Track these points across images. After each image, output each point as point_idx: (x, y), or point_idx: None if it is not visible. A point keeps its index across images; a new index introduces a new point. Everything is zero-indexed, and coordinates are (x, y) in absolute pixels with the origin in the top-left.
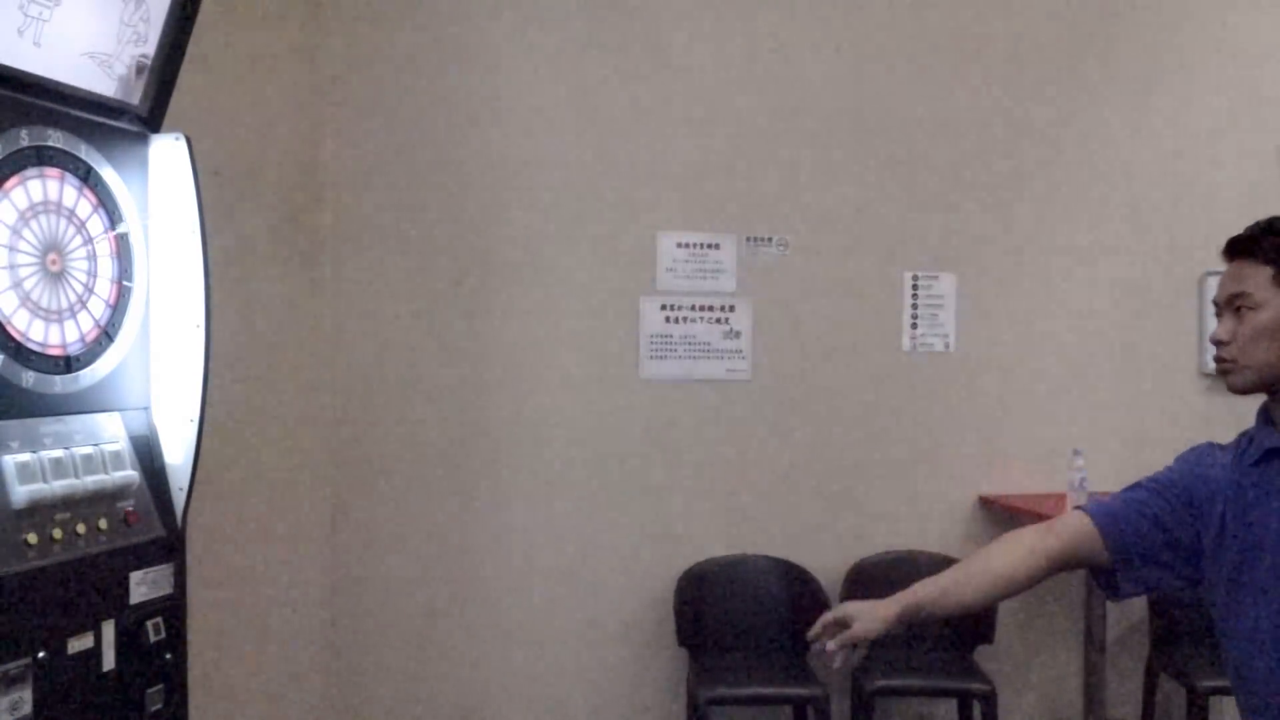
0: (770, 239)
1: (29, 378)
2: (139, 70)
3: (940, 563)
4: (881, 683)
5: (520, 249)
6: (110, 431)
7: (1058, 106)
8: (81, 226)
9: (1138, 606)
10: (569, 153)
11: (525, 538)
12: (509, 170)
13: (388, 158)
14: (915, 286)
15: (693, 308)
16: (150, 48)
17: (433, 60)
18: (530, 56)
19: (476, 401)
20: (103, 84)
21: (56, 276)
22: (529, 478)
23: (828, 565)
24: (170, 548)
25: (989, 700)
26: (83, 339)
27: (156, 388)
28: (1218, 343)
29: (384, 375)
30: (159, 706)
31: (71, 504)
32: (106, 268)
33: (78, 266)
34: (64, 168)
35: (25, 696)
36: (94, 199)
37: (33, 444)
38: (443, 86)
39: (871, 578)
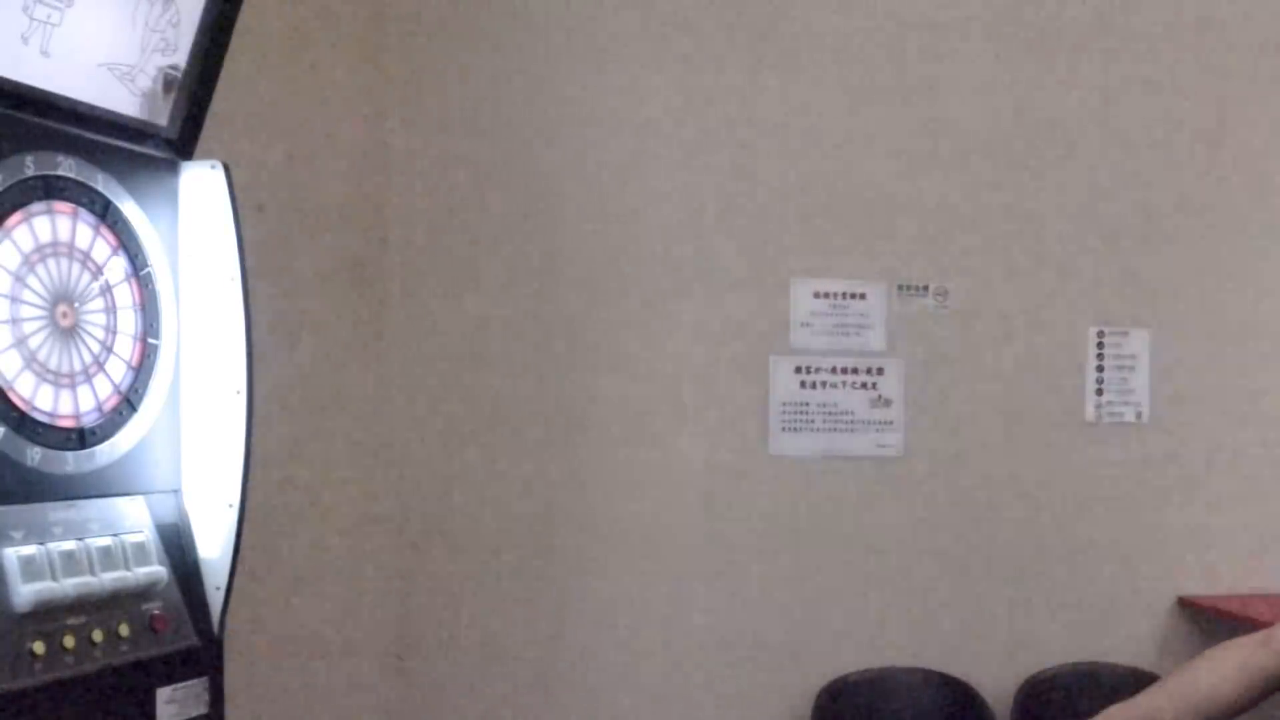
0: (926, 287)
1: (35, 454)
2: (167, 85)
3: (1130, 677)
4: None
5: (625, 300)
6: (133, 519)
7: (1273, 125)
8: (98, 272)
9: None
10: (683, 184)
11: (631, 645)
12: (611, 206)
13: (466, 192)
14: (1101, 344)
15: (833, 370)
16: (181, 57)
17: (519, 76)
18: (635, 69)
19: (573, 481)
20: (124, 101)
21: (68, 333)
22: (635, 572)
23: (995, 680)
24: (205, 659)
25: None
26: (99, 408)
27: (188, 466)
28: None
29: (462, 451)
30: None
31: (86, 606)
32: (128, 322)
33: (93, 321)
34: (77, 202)
35: None
36: (113, 239)
37: (39, 534)
38: (531, 107)
39: (1048, 695)
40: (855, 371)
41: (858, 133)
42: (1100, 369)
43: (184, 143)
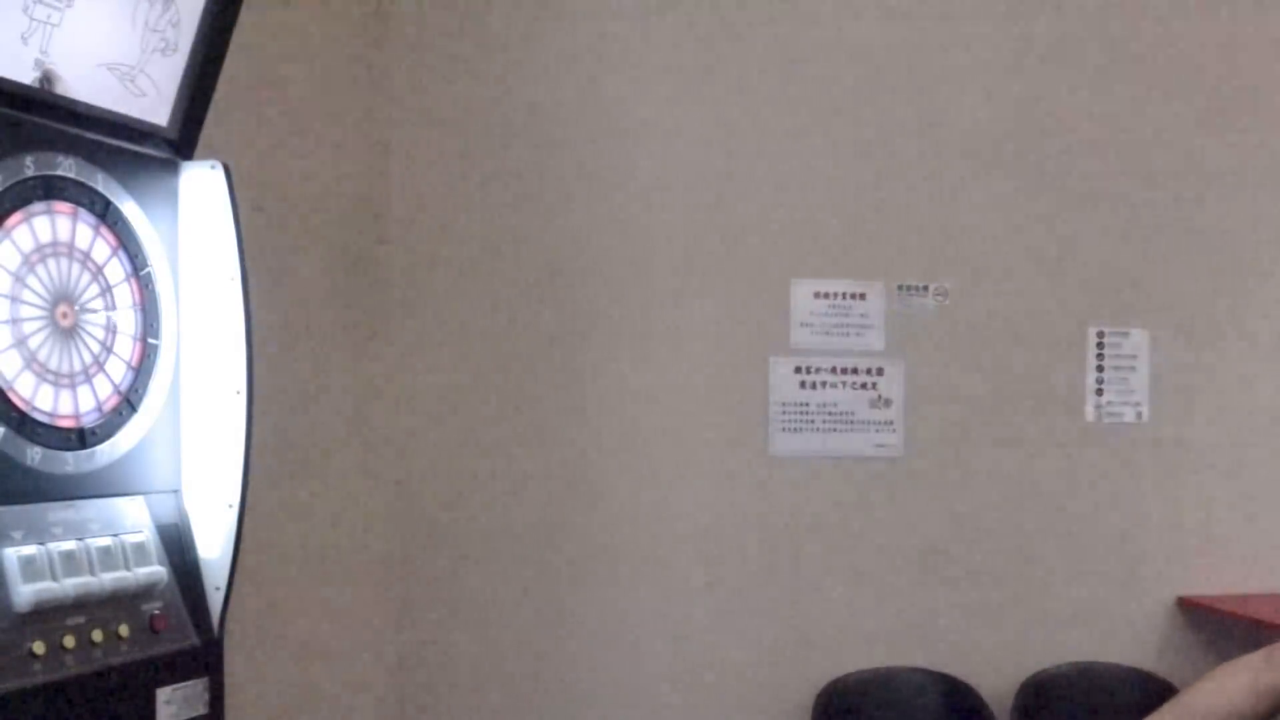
0: (926, 287)
1: (35, 454)
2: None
3: (1131, 676)
4: None
5: (626, 299)
6: (133, 519)
7: (1272, 124)
8: (98, 272)
9: None
10: (683, 182)
11: (632, 644)
12: (612, 205)
13: (467, 190)
14: (1101, 344)
15: (833, 370)
16: (181, 57)
17: (518, 72)
18: (634, 64)
19: (573, 482)
20: (124, 101)
21: (68, 333)
22: (635, 573)
23: (995, 679)
24: (205, 659)
25: None
26: (99, 408)
27: (188, 467)
28: None
29: (462, 451)
30: None
31: (86, 606)
32: (128, 322)
33: (93, 321)
34: (77, 202)
35: None
36: (113, 239)
37: (39, 534)
38: (534, 107)
39: (1049, 695)
40: (855, 372)
41: (858, 132)
42: (1100, 369)
43: (184, 143)
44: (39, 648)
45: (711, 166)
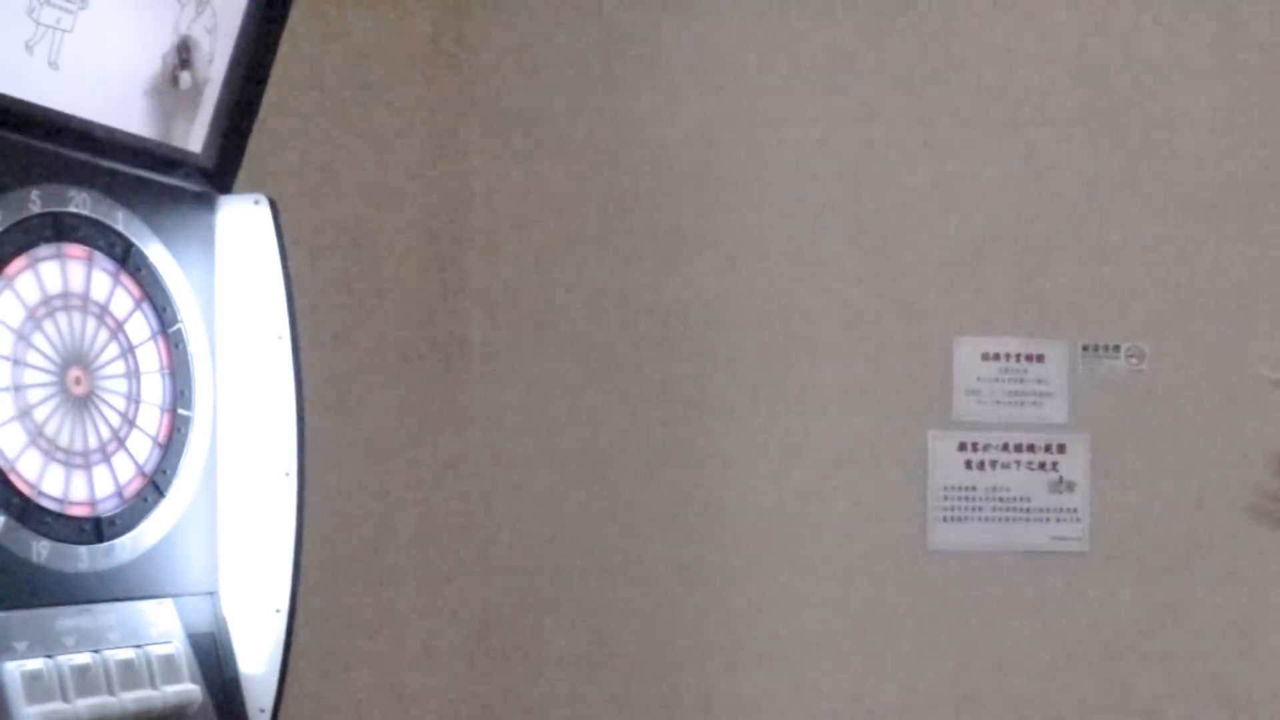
0: (1117, 347)
1: (41, 549)
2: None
3: None
4: None
5: (755, 367)
6: (160, 626)
7: None
8: (118, 330)
9: None
10: (819, 225)
11: None
12: (737, 251)
13: (564, 235)
14: None
15: (1004, 447)
16: (218, 69)
17: (626, 109)
18: (766, 85)
19: (690, 586)
20: (149, 123)
21: (82, 402)
22: (767, 691)
23: None
24: None
25: None
26: (119, 493)
27: (227, 564)
28: None
29: (556, 549)
30: None
31: None
32: (154, 389)
33: (112, 388)
34: (92, 244)
35: None
36: (136, 290)
37: (47, 645)
38: (640, 144)
39: None
40: (1032, 449)
41: (1036, 159)
42: None
43: (222, 173)
44: None
45: (856, 201)
